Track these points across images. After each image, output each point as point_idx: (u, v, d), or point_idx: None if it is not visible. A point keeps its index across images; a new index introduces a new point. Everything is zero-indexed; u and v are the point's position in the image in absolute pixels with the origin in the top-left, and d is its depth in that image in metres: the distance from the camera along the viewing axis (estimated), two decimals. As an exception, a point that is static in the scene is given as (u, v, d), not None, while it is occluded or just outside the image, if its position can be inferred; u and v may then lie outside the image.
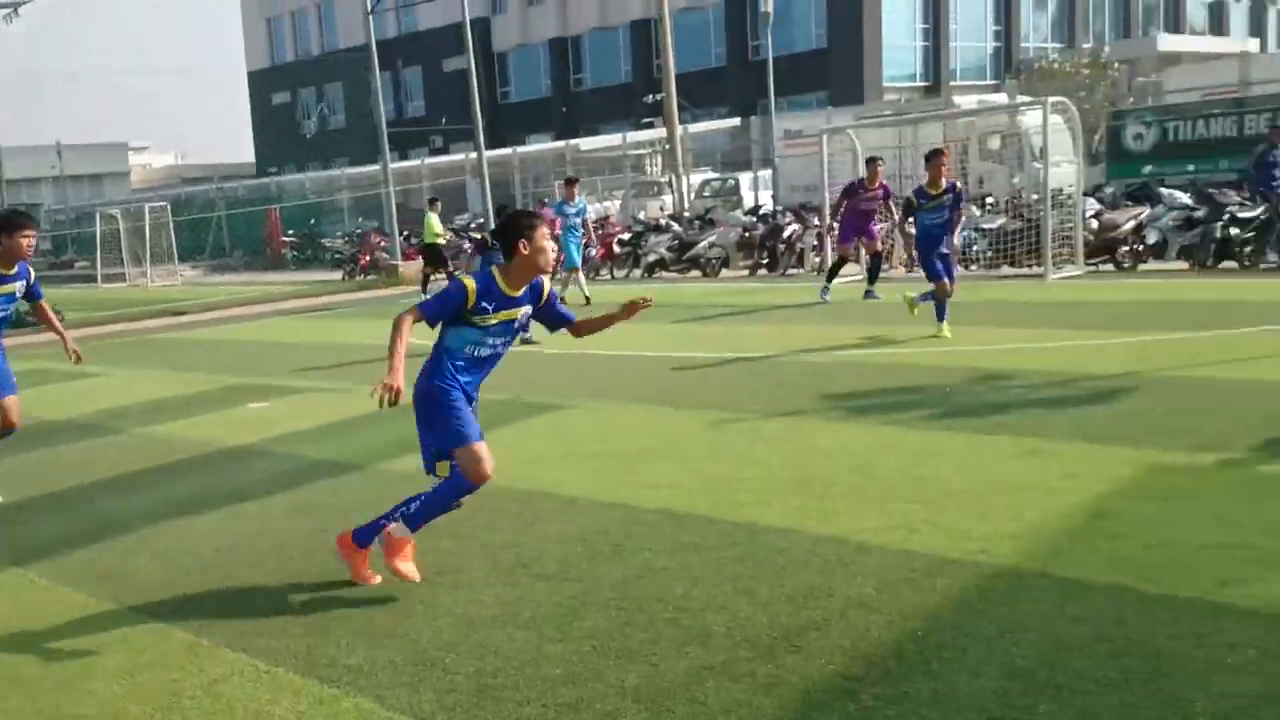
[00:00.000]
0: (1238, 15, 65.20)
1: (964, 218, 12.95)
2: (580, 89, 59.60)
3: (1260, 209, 15.95)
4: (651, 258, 23.30)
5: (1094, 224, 17.45)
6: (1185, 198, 17.59)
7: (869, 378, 9.53)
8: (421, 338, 5.10)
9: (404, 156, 50.44)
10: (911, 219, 12.00)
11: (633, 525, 5.88)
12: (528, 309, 5.13)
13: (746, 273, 21.73)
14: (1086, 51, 44.37)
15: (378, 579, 5.26)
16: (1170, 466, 6.14)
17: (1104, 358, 9.51)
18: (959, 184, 12.01)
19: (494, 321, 5.03)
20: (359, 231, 36.44)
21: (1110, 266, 17.17)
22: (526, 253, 4.96)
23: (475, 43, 29.24)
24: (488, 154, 28.27)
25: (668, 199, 32.47)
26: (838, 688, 3.84)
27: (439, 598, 5.08)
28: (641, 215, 30.35)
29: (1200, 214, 16.48)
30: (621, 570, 5.21)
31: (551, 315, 5.23)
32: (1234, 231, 15.94)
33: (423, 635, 4.65)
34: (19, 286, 7.47)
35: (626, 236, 24.94)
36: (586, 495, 6.56)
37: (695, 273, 22.30)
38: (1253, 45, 52.78)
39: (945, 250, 11.53)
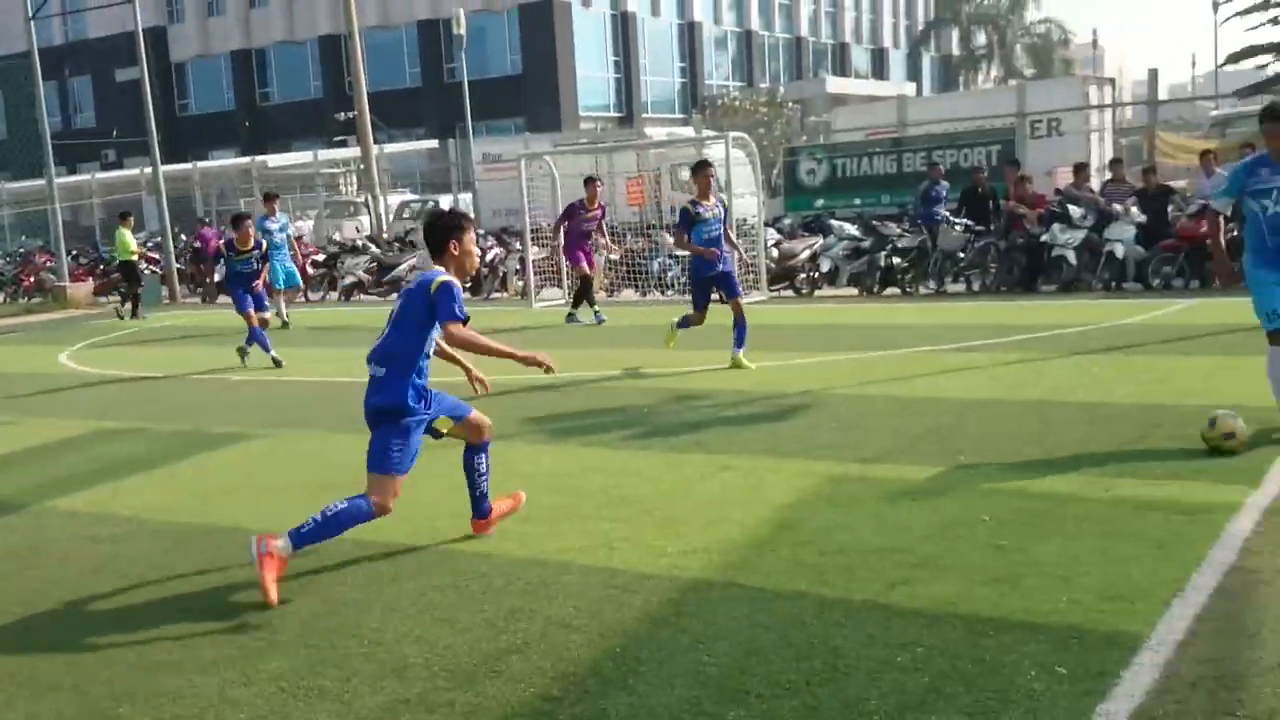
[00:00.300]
0: (896, 61, 71.30)
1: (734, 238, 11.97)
2: (267, 103, 57.48)
3: (918, 240, 17.40)
4: (349, 280, 22.70)
5: (775, 253, 18.48)
6: (853, 229, 18.93)
7: (571, 400, 9.66)
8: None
9: (73, 171, 46.81)
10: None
11: (324, 558, 5.67)
12: None
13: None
14: (764, 91, 47.09)
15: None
16: (844, 477, 6.56)
17: (786, 378, 10.06)
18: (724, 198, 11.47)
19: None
20: (22, 251, 33.46)
21: (790, 292, 18.23)
22: (457, 253, 5.23)
23: (150, 52, 27.59)
24: (166, 169, 26.70)
25: (365, 220, 31.77)
26: (537, 710, 3.85)
27: (113, 644, 4.71)
28: (337, 236, 29.52)
29: (866, 244, 17.79)
30: (312, 606, 5.01)
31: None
32: (896, 260, 17.32)
33: (94, 686, 4.30)
34: None
35: (321, 258, 24.19)
36: (275, 529, 6.26)
37: (395, 296, 21.87)
38: (909, 89, 57.72)
39: (726, 269, 10.97)
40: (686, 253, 11.68)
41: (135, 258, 21.67)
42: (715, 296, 11.05)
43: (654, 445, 7.77)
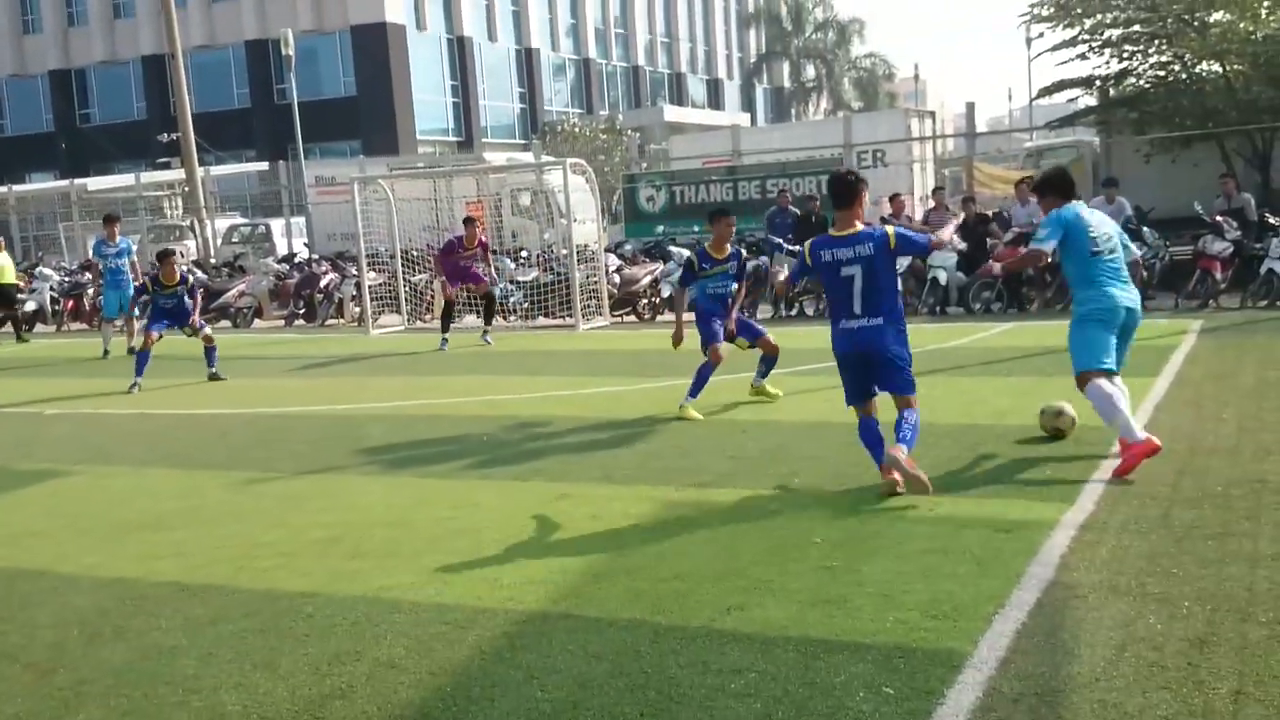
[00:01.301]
0: (731, 92, 72.89)
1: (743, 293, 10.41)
2: (87, 125, 55.02)
3: (756, 265, 17.70)
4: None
5: (616, 278, 18.56)
6: (692, 255, 19.13)
7: (408, 429, 9.44)
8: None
9: None
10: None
11: (140, 602, 5.37)
12: None
13: (281, 323, 20.91)
14: (603, 118, 47.44)
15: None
16: (681, 502, 6.57)
17: (626, 403, 10.07)
18: (743, 251, 10.28)
19: None
20: None
21: (633, 318, 18.32)
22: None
23: (-42, 68, 26.07)
24: (-24, 192, 25.22)
25: (191, 244, 30.62)
26: (364, 755, 3.70)
27: (-105, 705, 4.34)
28: (161, 262, 28.33)
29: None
30: (125, 653, 4.73)
31: None
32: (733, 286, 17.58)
33: None
34: None
35: (144, 284, 23.14)
36: (88, 571, 5.92)
37: (225, 323, 21.11)
38: (744, 119, 59.06)
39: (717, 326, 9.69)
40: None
41: (16, 282, 21.11)
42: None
43: (492, 474, 7.65)
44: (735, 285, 9.87)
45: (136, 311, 17.33)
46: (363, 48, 48.57)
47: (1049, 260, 7.56)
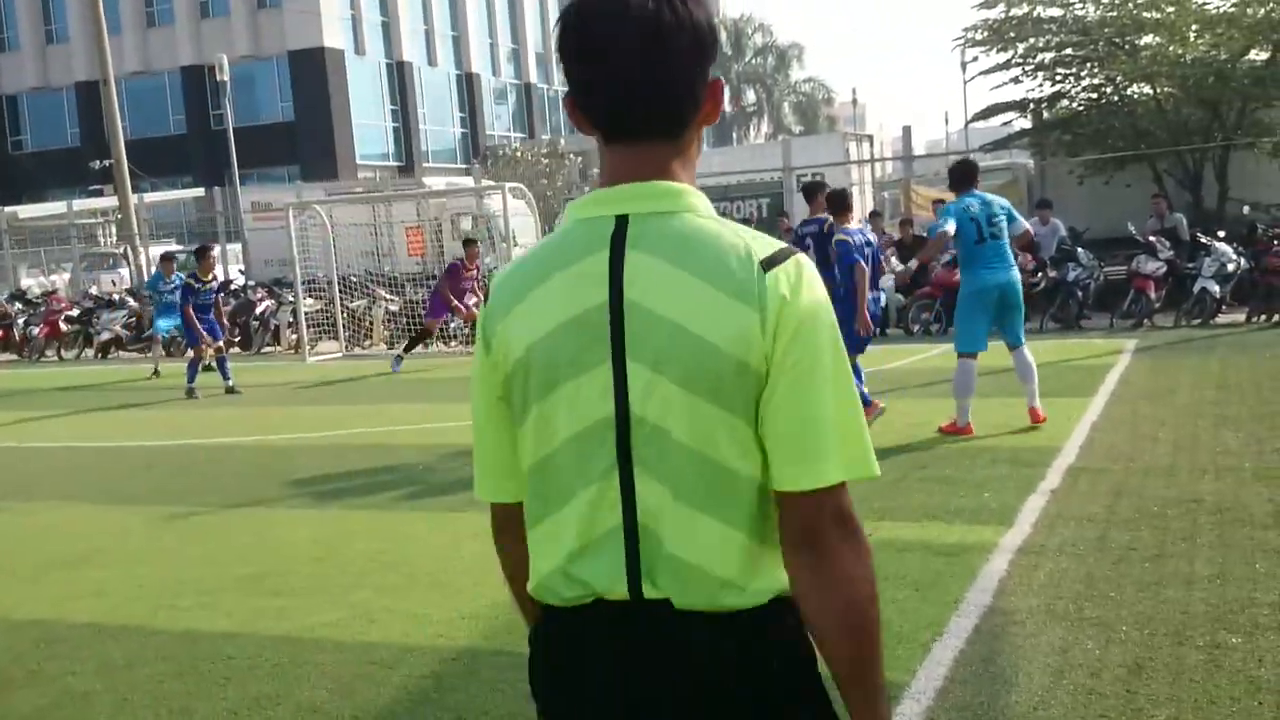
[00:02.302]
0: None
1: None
2: (20, 152, 53.98)
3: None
4: (105, 336, 21.31)
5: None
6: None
7: (344, 459, 9.23)
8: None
9: None
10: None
11: (54, 645, 5.15)
12: None
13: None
14: (545, 142, 47.40)
15: None
16: (619, 533, 6.45)
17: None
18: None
19: None
20: None
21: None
22: None
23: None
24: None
25: (124, 272, 30.04)
26: (281, 807, 3.54)
27: None
28: (94, 290, 27.76)
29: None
30: (36, 699, 4.52)
31: None
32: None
33: None
34: None
35: (75, 313, 22.66)
36: (3, 613, 5.69)
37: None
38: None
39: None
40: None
41: None
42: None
43: (426, 505, 7.49)
44: None
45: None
46: (301, 73, 48.15)
47: (950, 239, 8.62)
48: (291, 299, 19.38)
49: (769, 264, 1.54)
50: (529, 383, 1.62)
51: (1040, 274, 15.70)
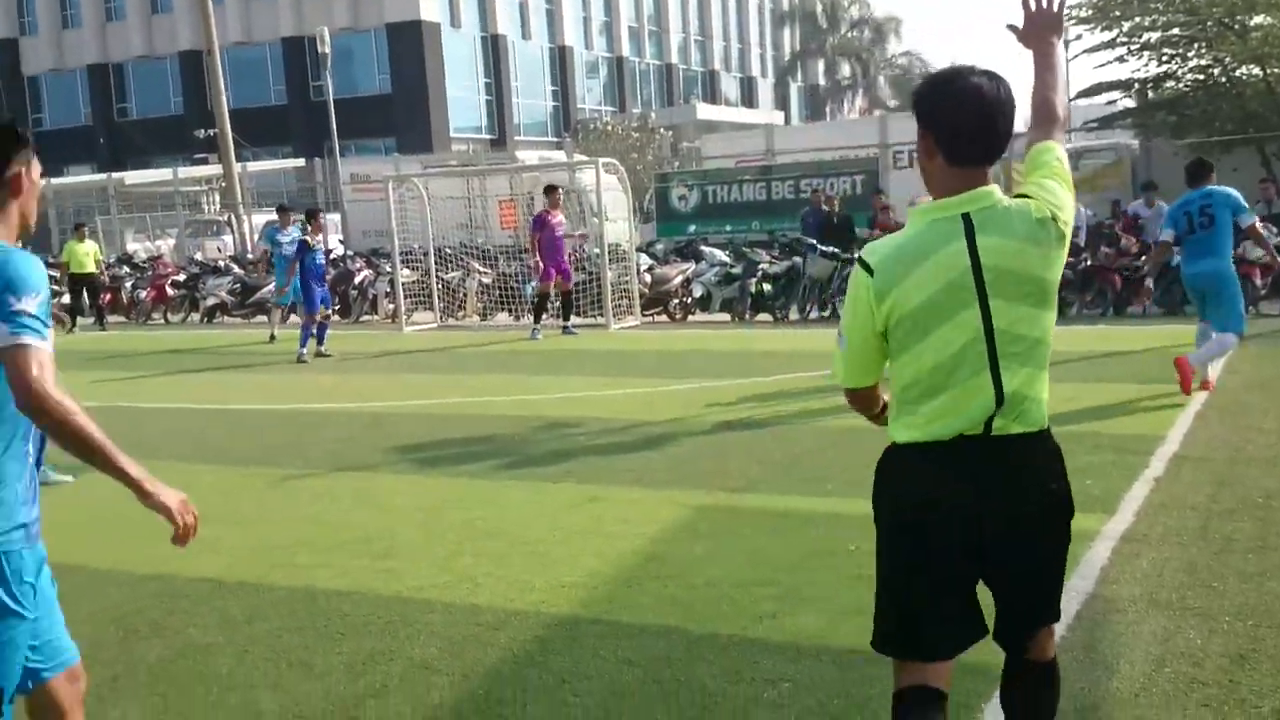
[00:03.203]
0: (765, 90, 72.65)
1: None
2: (125, 119, 55.53)
3: (787, 266, 17.65)
4: (210, 301, 21.99)
5: (648, 278, 18.55)
6: (724, 255, 19.12)
7: (441, 428, 9.46)
8: None
9: (-88, 184, 44.36)
10: None
11: (175, 599, 5.41)
12: None
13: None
14: (636, 116, 47.43)
15: None
16: (713, 507, 6.55)
17: (657, 404, 10.05)
18: None
19: None
20: None
21: (664, 317, 18.30)
22: None
23: (1, 64, 26.32)
24: (16, 185, 25.43)
25: (228, 239, 30.88)
26: (397, 758, 3.71)
27: (-65, 698, 4.39)
28: (199, 256, 28.59)
29: (737, 270, 17.98)
30: (160, 650, 4.76)
31: None
32: (766, 287, 17.54)
33: (-88, 745, 3.99)
34: None
35: (182, 278, 23.38)
36: (122, 567, 5.97)
37: (260, 318, 21.28)
38: (778, 118, 58.87)
39: None
40: None
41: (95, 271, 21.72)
42: None
43: (522, 475, 7.65)
44: None
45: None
46: (398, 45, 48.79)
47: (1171, 247, 9.59)
48: (389, 269, 19.76)
49: (1052, 219, 2.66)
50: (927, 321, 2.64)
51: (1144, 257, 15.37)
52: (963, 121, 2.64)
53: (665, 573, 5.39)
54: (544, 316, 16.50)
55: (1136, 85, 22.93)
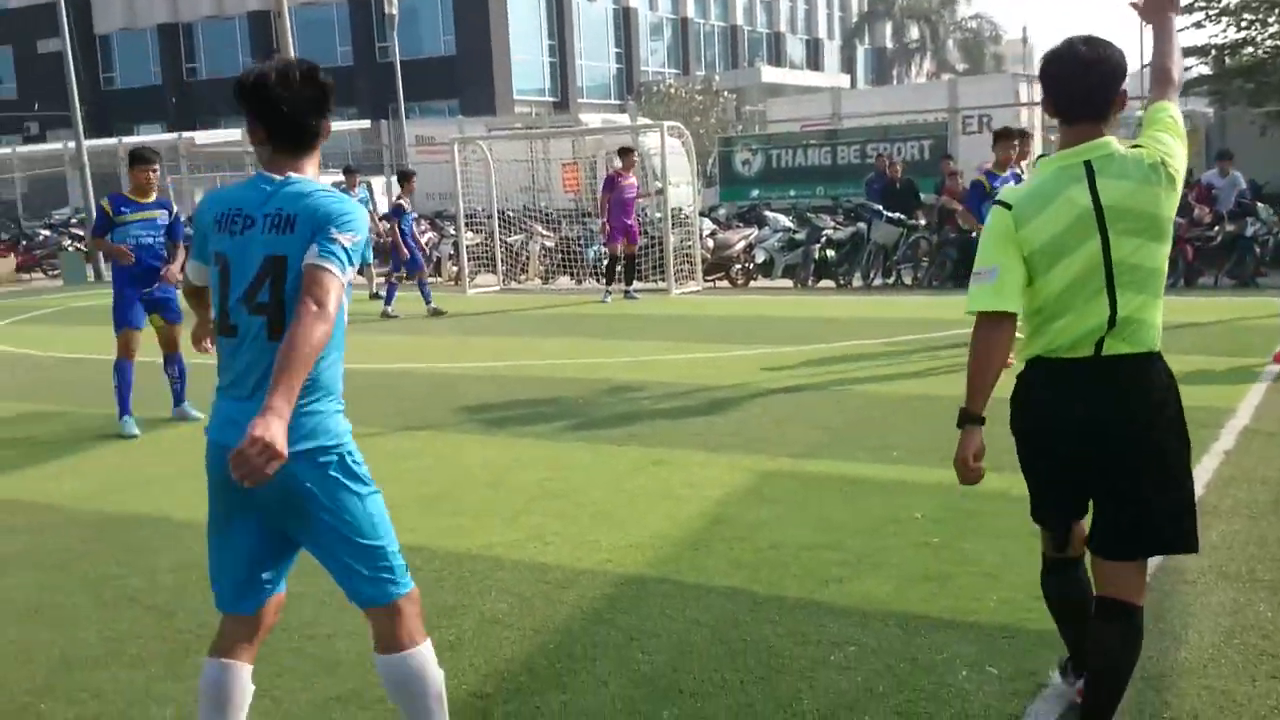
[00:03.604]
0: (831, 53, 71.73)
1: None
2: (194, 79, 56.23)
3: (852, 232, 17.54)
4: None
5: (710, 243, 18.53)
6: (788, 221, 19.03)
7: (505, 390, 9.59)
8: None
9: (-9, 143, 45.48)
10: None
11: (255, 549, 5.57)
12: None
13: (381, 279, 21.28)
14: (699, 79, 47.10)
15: None
16: (777, 472, 6.59)
17: (719, 370, 10.10)
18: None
19: None
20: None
21: (725, 283, 18.29)
22: None
23: (73, 24, 26.83)
24: (90, 144, 26.01)
25: (293, 201, 31.16)
26: (470, 708, 3.82)
27: (34, 637, 4.59)
28: (265, 217, 28.89)
29: (801, 236, 17.90)
30: (243, 598, 4.91)
31: None
32: (829, 253, 17.45)
33: (13, 680, 4.19)
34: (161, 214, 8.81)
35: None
36: (202, 519, 6.12)
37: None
38: (844, 81, 58.14)
39: None
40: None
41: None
42: None
43: (587, 437, 7.75)
44: None
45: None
46: (463, 7, 48.81)
47: None
48: (453, 232, 19.92)
49: (1162, 164, 3.07)
50: (1055, 253, 3.07)
51: (1217, 228, 15.08)
52: (1069, 85, 3.13)
53: (731, 535, 5.46)
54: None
55: (1213, 51, 22.36)
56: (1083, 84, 3.10)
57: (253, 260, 2.93)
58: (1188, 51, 22.54)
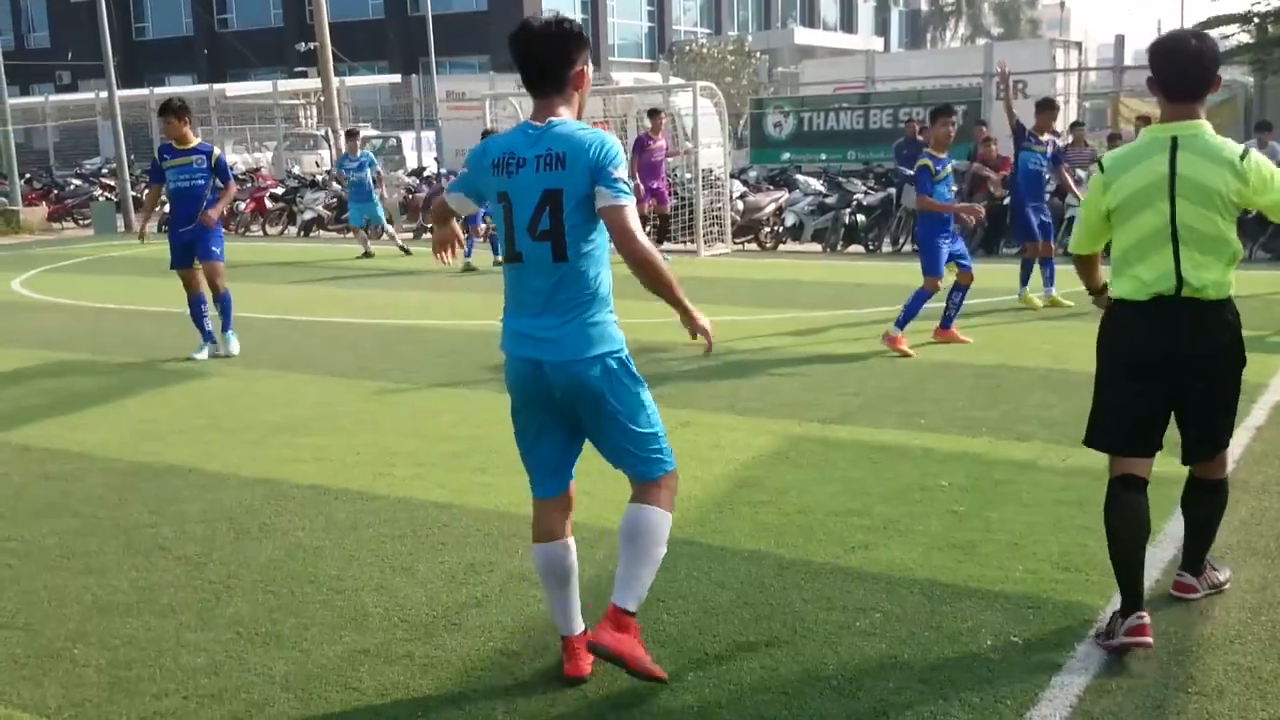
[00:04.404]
0: (865, 14, 70.83)
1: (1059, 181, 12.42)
2: (226, 30, 56.12)
3: (882, 197, 17.39)
4: (308, 215, 22.36)
5: (739, 205, 18.42)
6: (818, 184, 18.88)
7: (528, 348, 9.57)
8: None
9: (25, 92, 45.61)
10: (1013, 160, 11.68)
11: (283, 502, 5.63)
12: None
13: (411, 235, 21.32)
14: (732, 39, 46.66)
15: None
16: (804, 437, 6.58)
17: (747, 332, 10.07)
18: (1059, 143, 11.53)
19: None
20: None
21: (754, 246, 18.20)
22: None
23: (107, -28, 26.75)
24: (122, 94, 26.05)
25: (325, 154, 31.25)
26: (496, 665, 3.86)
27: (66, 583, 4.66)
28: (296, 170, 29.03)
29: (831, 200, 17.76)
30: (270, 551, 4.97)
31: None
32: (860, 218, 17.32)
33: (47, 625, 4.25)
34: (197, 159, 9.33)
35: (280, 191, 23.79)
36: (232, 470, 6.22)
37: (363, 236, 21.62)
38: (877, 44, 57.47)
39: (1040, 206, 11.18)
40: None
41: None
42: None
43: (615, 397, 7.73)
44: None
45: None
46: (495, -39, 48.45)
47: None
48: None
49: (1241, 155, 3.66)
50: (1133, 207, 3.72)
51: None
52: (1173, 70, 3.72)
53: (757, 499, 5.46)
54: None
55: (1256, 19, 21.95)
56: (1187, 71, 3.68)
57: (531, 195, 3.41)
58: (1228, 19, 22.15)
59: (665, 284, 3.55)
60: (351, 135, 18.29)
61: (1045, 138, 11.09)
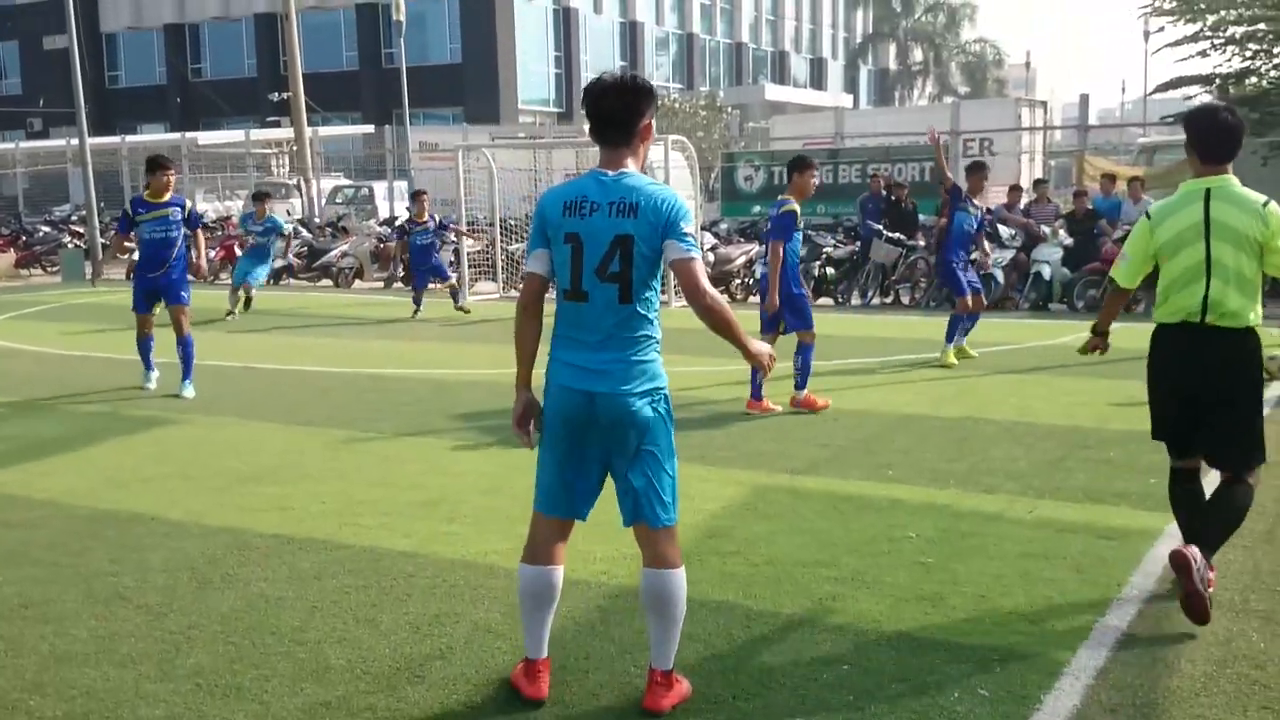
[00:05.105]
0: (834, 72, 71.98)
1: (985, 245, 12.80)
2: (199, 79, 56.28)
3: (851, 251, 17.55)
4: (278, 264, 22.25)
5: (711, 257, 18.52)
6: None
7: (505, 396, 9.39)
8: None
9: (-5, 137, 45.48)
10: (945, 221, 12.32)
11: (246, 552, 5.56)
12: None
13: (381, 285, 21.29)
14: (704, 94, 47.20)
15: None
16: (773, 487, 6.59)
17: (718, 384, 10.09)
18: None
19: None
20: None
21: (725, 297, 18.22)
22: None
23: (80, 21, 26.83)
24: (93, 141, 25.99)
25: (296, 203, 31.25)
26: (459, 718, 3.80)
27: (23, 633, 4.57)
28: (267, 218, 28.89)
29: (801, 253, 17.87)
30: (232, 601, 4.90)
31: None
32: (829, 271, 17.46)
33: (2, 675, 4.17)
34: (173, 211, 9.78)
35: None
36: (195, 519, 6.14)
37: (326, 281, 21.61)
38: (846, 100, 58.28)
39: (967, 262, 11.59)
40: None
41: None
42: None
43: (584, 448, 7.71)
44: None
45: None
46: (471, 14, 48.93)
47: None
48: (454, 239, 19.91)
49: (1264, 204, 4.46)
50: (1174, 248, 4.54)
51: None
52: (1210, 138, 4.56)
53: (726, 549, 5.45)
54: None
55: (1218, 80, 22.38)
56: (1219, 139, 4.54)
57: (603, 238, 3.61)
58: (1191, 80, 22.58)
59: (730, 327, 3.83)
60: (259, 198, 17.51)
61: (978, 200, 11.58)
